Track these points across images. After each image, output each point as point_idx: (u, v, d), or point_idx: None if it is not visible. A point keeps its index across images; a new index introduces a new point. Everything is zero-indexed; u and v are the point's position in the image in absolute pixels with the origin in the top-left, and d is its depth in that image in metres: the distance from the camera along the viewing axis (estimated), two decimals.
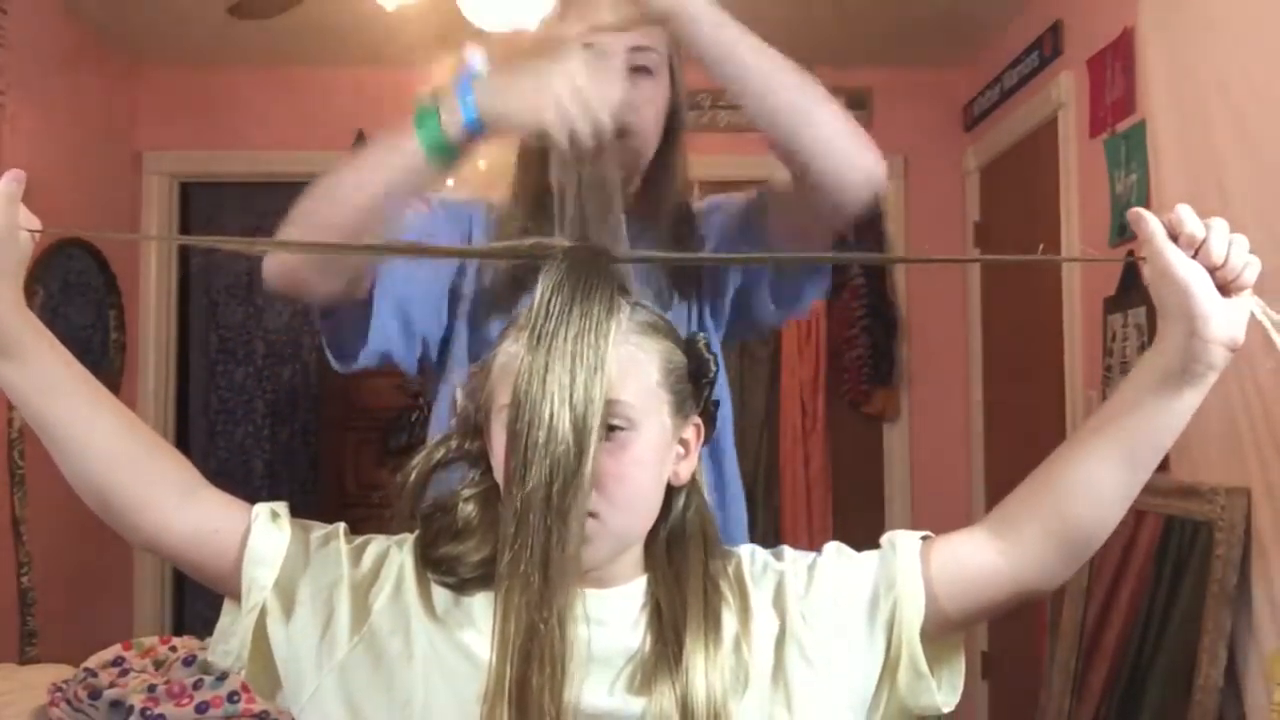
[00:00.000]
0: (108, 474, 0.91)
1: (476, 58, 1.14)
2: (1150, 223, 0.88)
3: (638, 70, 1.32)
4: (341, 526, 0.99)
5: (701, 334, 0.99)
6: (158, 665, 2.20)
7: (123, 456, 0.92)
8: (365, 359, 1.30)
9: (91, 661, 2.17)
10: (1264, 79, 2.14)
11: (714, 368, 0.97)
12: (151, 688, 2.03)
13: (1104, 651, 2.54)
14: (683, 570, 0.94)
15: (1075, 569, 0.98)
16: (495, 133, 1.09)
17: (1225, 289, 0.87)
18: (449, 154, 1.11)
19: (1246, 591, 2.16)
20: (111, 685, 2.05)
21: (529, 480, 0.82)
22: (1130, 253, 2.73)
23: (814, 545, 1.37)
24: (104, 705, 2.00)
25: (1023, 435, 3.67)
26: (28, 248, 0.93)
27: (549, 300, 0.85)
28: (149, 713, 1.96)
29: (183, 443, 4.21)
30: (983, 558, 0.93)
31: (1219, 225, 0.87)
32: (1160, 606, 2.35)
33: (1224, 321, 0.86)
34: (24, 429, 3.10)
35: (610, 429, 0.87)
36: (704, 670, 0.88)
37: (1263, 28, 2.16)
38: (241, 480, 4.26)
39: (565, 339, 0.83)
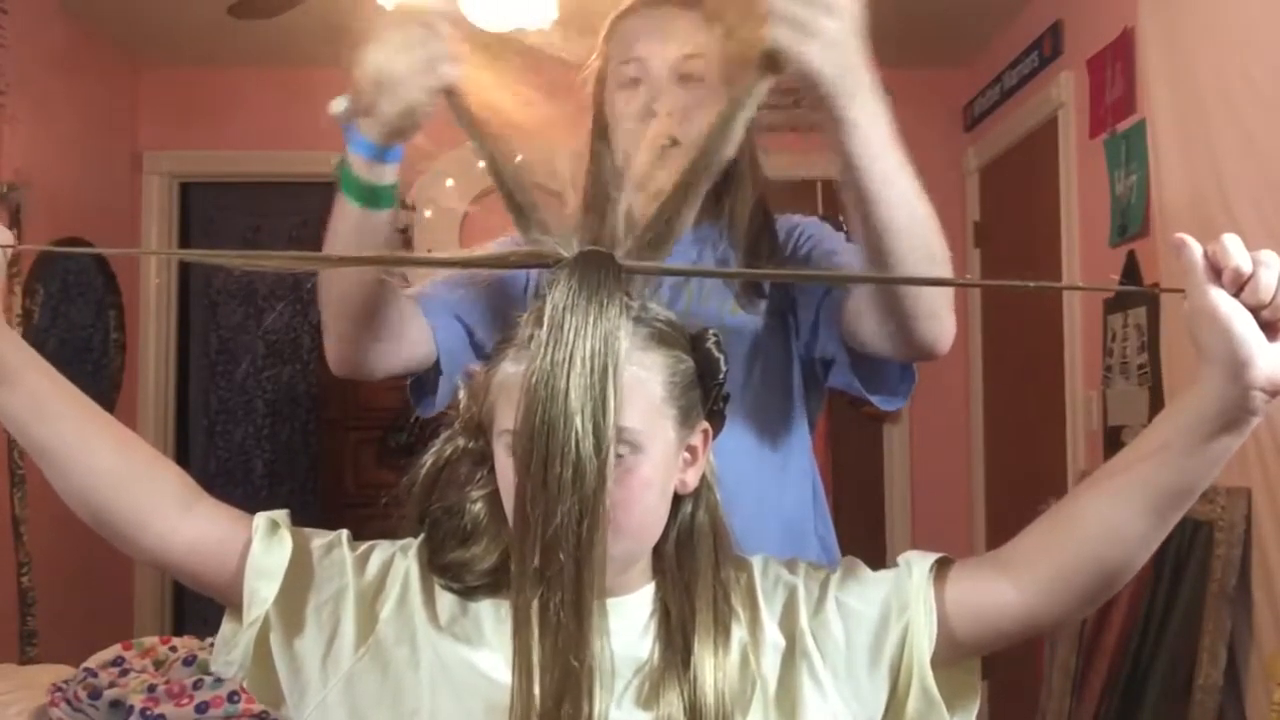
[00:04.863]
0: (104, 492, 0.90)
1: (336, 105, 1.15)
2: (1192, 253, 0.80)
3: (688, 78, 1.29)
4: (344, 534, 0.97)
5: (711, 330, 0.96)
6: (158, 665, 2.20)
7: (118, 474, 0.91)
8: (442, 402, 1.30)
9: (91, 661, 2.16)
10: (1264, 79, 2.14)
11: (723, 366, 0.94)
12: (151, 688, 2.03)
13: (1104, 651, 2.54)
14: (691, 574, 0.92)
15: (1092, 609, 0.94)
16: (392, 137, 1.08)
17: (1271, 328, 0.79)
18: (374, 193, 1.10)
19: (1246, 591, 2.16)
20: (111, 685, 2.05)
21: (554, 516, 0.78)
22: (1130, 253, 2.73)
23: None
24: (104, 705, 2.00)
25: (1023, 435, 3.68)
26: (1, 265, 0.90)
27: (562, 319, 0.80)
28: (149, 713, 1.96)
29: (183, 443, 4.21)
30: (999, 590, 0.90)
31: (1269, 260, 0.79)
32: (1160, 606, 2.36)
33: (1268, 366, 0.79)
34: None
35: (616, 456, 0.84)
36: (712, 677, 0.87)
37: (1263, 28, 2.16)
38: (241, 480, 4.26)
39: (582, 364, 0.79)
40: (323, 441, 3.83)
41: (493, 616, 0.91)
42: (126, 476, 0.91)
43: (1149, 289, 2.59)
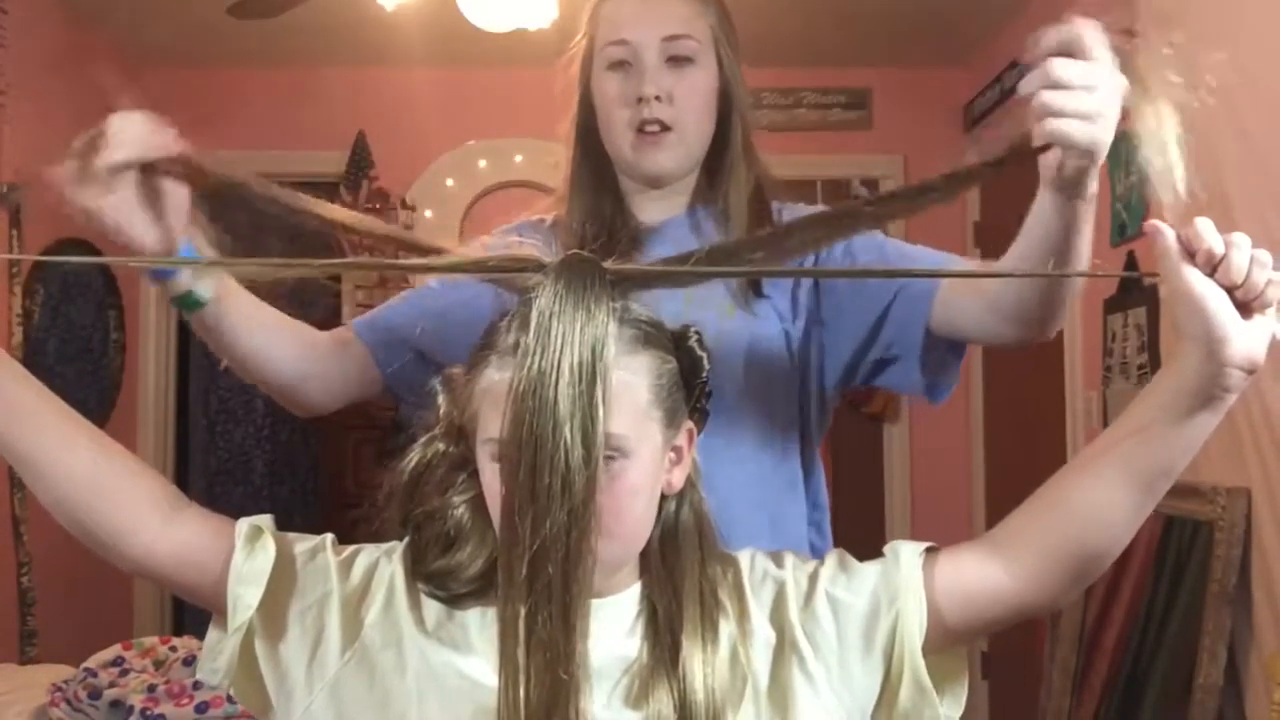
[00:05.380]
0: (85, 502, 0.90)
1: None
2: (1166, 238, 0.83)
3: (675, 60, 1.26)
4: (329, 538, 0.96)
5: (694, 328, 0.95)
6: (158, 665, 2.20)
7: (100, 483, 0.90)
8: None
9: (91, 661, 2.17)
10: (1264, 79, 2.14)
11: (707, 364, 0.94)
12: (151, 688, 2.03)
13: (1104, 651, 2.54)
14: (677, 572, 0.92)
15: (1081, 589, 0.96)
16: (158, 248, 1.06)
17: (1245, 308, 0.82)
18: (182, 301, 1.12)
19: (1246, 591, 2.16)
20: (111, 685, 2.05)
21: (543, 527, 0.77)
22: (1130, 253, 2.73)
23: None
24: (104, 705, 2.00)
25: (1023, 435, 3.68)
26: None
27: (549, 326, 0.79)
28: (149, 713, 1.96)
29: (183, 443, 4.21)
30: (987, 575, 0.91)
31: (1240, 241, 0.81)
32: (1160, 606, 2.36)
33: (1243, 344, 0.81)
34: None
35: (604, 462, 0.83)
36: (701, 673, 0.86)
37: (1263, 28, 2.16)
38: (241, 480, 4.26)
39: (570, 372, 0.78)
40: (323, 441, 3.83)
41: (479, 622, 0.91)
42: (107, 486, 0.90)
43: (1131, 274, 2.60)
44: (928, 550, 0.94)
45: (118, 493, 0.91)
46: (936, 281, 1.19)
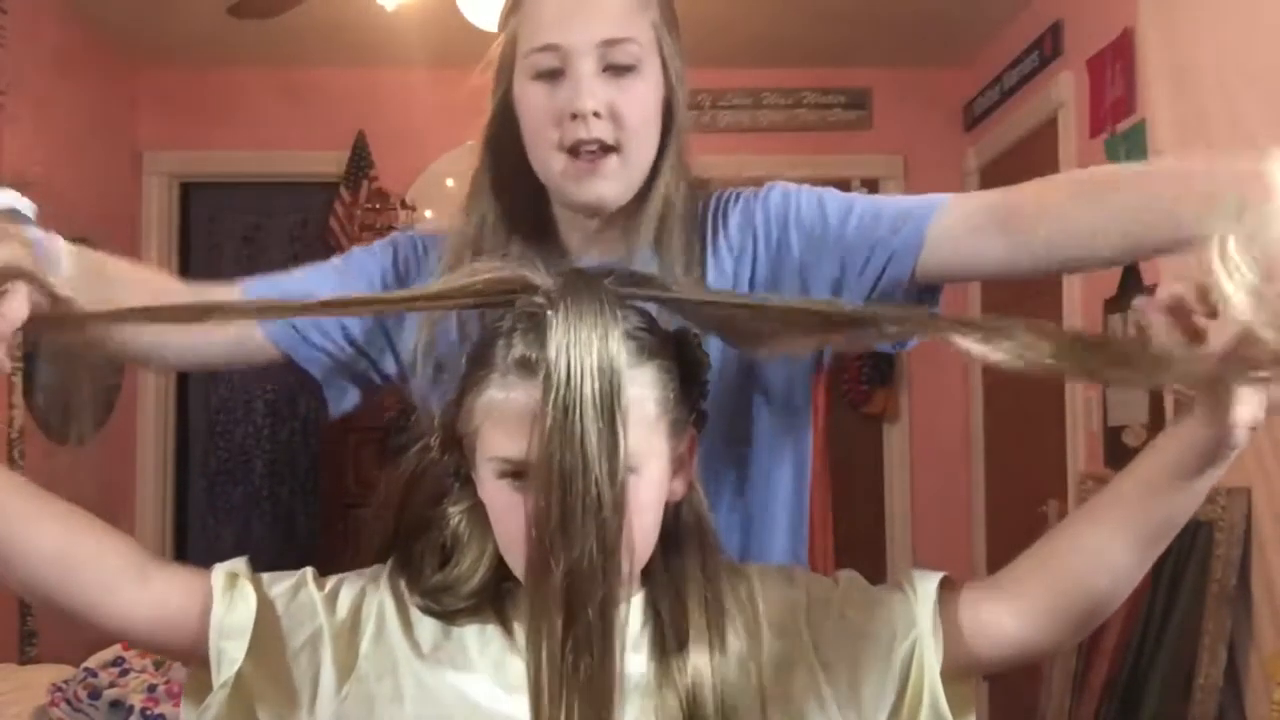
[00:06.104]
0: (56, 578, 0.88)
1: None
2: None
3: (615, 69, 1.08)
4: (309, 571, 0.94)
5: (693, 330, 0.92)
6: (158, 665, 2.20)
7: (67, 559, 0.88)
8: (342, 403, 1.24)
9: (91, 661, 2.17)
10: (1264, 79, 2.14)
11: (709, 364, 0.92)
12: (151, 688, 2.03)
13: (1104, 652, 2.54)
14: (680, 577, 0.91)
15: (1082, 637, 0.97)
16: None
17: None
18: None
19: (1246, 591, 2.16)
20: (111, 685, 2.05)
21: (579, 565, 0.75)
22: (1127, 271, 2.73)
23: (815, 546, 1.32)
24: (104, 705, 2.00)
25: (1022, 435, 3.68)
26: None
27: (567, 358, 0.77)
28: (149, 713, 1.96)
29: (183, 443, 4.21)
30: (996, 618, 0.91)
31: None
32: (1160, 606, 2.36)
33: (1252, 406, 0.82)
34: (24, 429, 3.09)
35: None
36: (710, 682, 0.86)
37: (1262, 28, 2.16)
38: (241, 480, 4.25)
39: (593, 404, 0.76)
40: (323, 441, 3.82)
41: (478, 640, 0.89)
42: (75, 561, 0.88)
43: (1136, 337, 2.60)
44: (942, 580, 0.93)
45: (85, 566, 0.88)
46: (920, 234, 1.08)
